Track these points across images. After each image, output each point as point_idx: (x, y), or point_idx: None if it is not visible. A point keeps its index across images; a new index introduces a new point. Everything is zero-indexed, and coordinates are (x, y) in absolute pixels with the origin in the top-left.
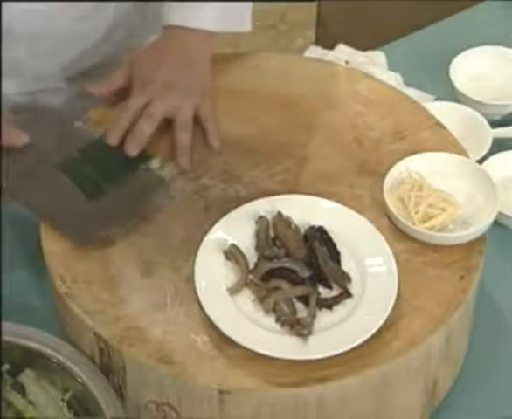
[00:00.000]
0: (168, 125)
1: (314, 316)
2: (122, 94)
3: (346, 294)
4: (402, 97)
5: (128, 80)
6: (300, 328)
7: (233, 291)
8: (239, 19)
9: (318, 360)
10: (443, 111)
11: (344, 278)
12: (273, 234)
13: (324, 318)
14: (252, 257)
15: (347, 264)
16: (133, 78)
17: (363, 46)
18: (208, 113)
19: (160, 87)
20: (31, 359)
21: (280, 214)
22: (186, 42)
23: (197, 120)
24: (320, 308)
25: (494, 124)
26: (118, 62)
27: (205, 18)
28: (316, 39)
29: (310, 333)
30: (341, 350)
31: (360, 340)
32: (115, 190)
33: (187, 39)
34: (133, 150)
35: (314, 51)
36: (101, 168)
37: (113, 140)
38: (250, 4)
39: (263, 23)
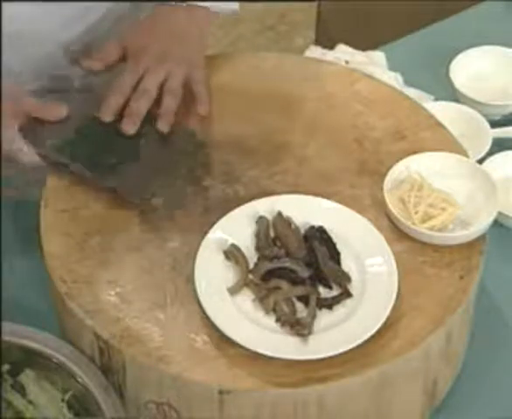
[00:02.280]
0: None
1: (314, 316)
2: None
3: (346, 294)
4: (402, 97)
5: (121, 54)
6: (300, 328)
7: (233, 291)
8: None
9: (318, 360)
10: (443, 111)
11: (344, 278)
12: (273, 234)
13: (324, 318)
14: (252, 257)
15: (347, 264)
16: (126, 52)
17: (363, 46)
18: (200, 77)
19: (151, 60)
20: (31, 359)
21: (280, 214)
22: (176, 16)
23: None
24: (320, 308)
25: (494, 124)
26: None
27: None
28: (316, 39)
29: (310, 333)
30: (341, 350)
31: (360, 340)
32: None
33: (177, 14)
34: (130, 129)
35: (314, 51)
36: (102, 144)
37: (107, 117)
38: None
39: (263, 23)
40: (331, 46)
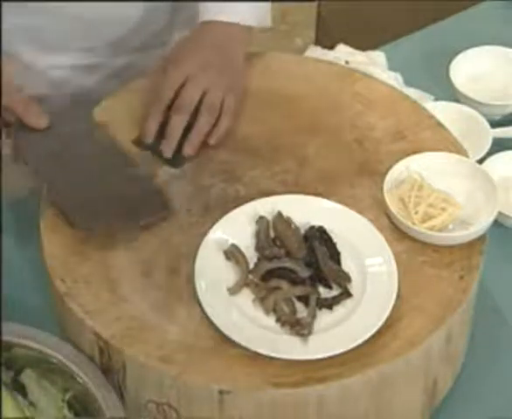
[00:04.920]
0: None
1: (314, 316)
2: None
3: (346, 294)
4: (402, 97)
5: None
6: (300, 328)
7: (233, 291)
8: (264, 15)
9: (318, 360)
10: (443, 111)
11: (344, 278)
12: (273, 234)
13: (324, 318)
14: (252, 257)
15: (347, 264)
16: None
17: (363, 46)
18: (232, 103)
19: (193, 67)
20: (31, 359)
21: (280, 214)
22: (220, 33)
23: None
24: (320, 308)
25: (494, 124)
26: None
27: (240, 13)
28: (316, 39)
29: (310, 333)
30: (341, 350)
31: (360, 340)
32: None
33: (221, 30)
34: (168, 152)
35: (314, 51)
36: None
37: (148, 138)
38: (269, 2)
39: None
40: (331, 46)
